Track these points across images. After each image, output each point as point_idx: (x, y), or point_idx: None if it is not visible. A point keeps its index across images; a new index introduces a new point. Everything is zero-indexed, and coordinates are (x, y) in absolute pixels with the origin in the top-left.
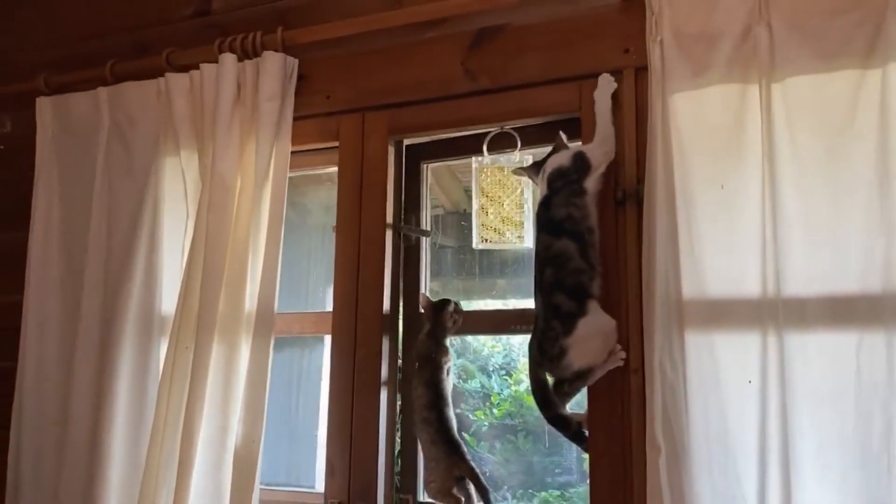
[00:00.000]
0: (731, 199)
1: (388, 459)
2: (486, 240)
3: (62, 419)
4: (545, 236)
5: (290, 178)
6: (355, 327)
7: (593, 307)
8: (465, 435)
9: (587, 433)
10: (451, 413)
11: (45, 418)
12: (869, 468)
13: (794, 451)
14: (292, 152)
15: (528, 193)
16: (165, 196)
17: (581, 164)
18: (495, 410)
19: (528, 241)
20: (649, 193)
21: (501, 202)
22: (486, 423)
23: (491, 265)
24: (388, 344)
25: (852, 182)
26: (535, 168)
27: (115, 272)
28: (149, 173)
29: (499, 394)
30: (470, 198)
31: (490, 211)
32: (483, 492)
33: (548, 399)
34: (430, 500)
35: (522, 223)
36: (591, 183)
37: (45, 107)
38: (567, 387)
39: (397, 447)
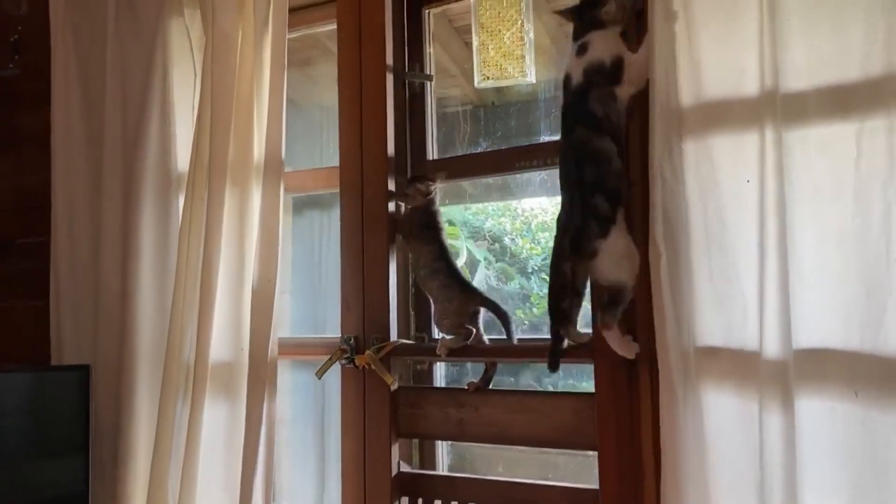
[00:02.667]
0: None
1: (402, 294)
2: (488, 77)
3: (94, 280)
4: (583, 129)
5: (302, 52)
6: (361, 170)
7: (620, 219)
8: None
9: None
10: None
11: (78, 283)
12: (867, 255)
13: (792, 246)
14: (294, 9)
15: (529, 25)
16: (174, 55)
17: (618, 66)
18: (535, 309)
19: (531, 76)
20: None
21: (502, 36)
22: (527, 322)
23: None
24: (395, 185)
25: None
26: (577, 14)
27: (131, 134)
28: (156, 35)
29: (538, 294)
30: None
31: (490, 46)
32: (503, 317)
33: (563, 289)
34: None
35: (524, 56)
36: (622, 93)
37: None
38: (608, 302)
39: (411, 289)
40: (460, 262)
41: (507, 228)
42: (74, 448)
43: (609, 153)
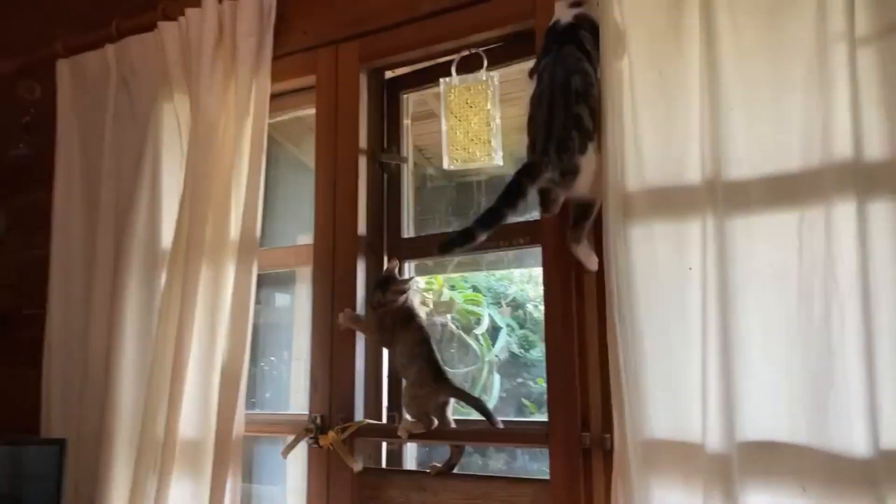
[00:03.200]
0: (671, 85)
1: (372, 372)
2: (457, 160)
3: (83, 353)
4: (575, 49)
5: (286, 128)
6: (333, 249)
7: (596, 136)
8: (525, 401)
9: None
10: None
11: (69, 353)
12: (811, 346)
13: (737, 335)
14: (276, 95)
15: (495, 111)
16: (164, 138)
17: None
18: None
19: (497, 160)
20: (604, 85)
21: (469, 121)
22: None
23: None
24: (366, 265)
25: (792, 55)
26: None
27: (123, 212)
28: (149, 118)
29: None
30: None
31: (458, 130)
32: (478, 406)
33: (520, 195)
34: None
35: (490, 141)
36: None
37: (63, 69)
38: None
39: (384, 370)
40: (481, 329)
41: (531, 295)
42: None
43: (592, 77)
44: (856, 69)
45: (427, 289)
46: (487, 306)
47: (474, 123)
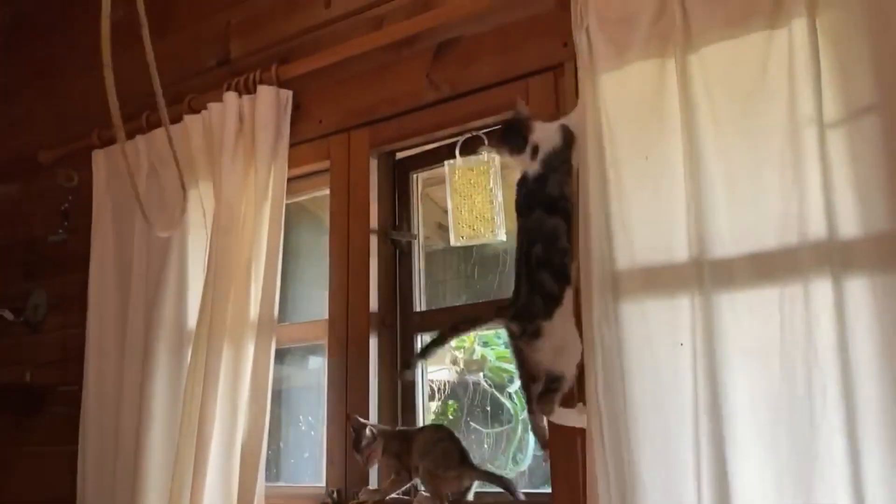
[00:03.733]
0: (657, 169)
1: None
2: (462, 237)
3: (116, 427)
4: (540, 213)
5: (308, 207)
6: (347, 326)
7: (567, 302)
8: None
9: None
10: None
11: (103, 429)
12: (794, 417)
13: (725, 408)
14: (293, 178)
15: (498, 190)
16: (189, 225)
17: (569, 137)
18: None
19: (501, 236)
20: (583, 170)
21: (473, 199)
22: None
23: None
24: (378, 340)
25: (767, 139)
26: (510, 140)
27: (153, 294)
28: (176, 204)
29: None
30: None
31: (464, 209)
32: (503, 483)
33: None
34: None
35: (493, 218)
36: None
37: (99, 158)
38: (543, 390)
39: None
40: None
41: None
42: None
43: (558, 230)
44: (826, 151)
45: (458, 347)
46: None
47: (478, 202)
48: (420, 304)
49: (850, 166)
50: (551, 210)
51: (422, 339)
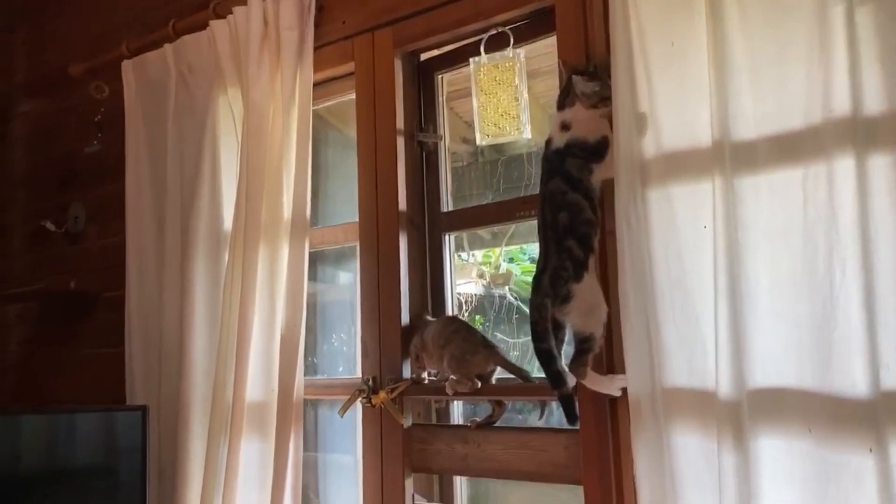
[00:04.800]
0: (682, 55)
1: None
2: (488, 135)
3: (159, 329)
4: (561, 182)
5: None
6: (377, 226)
7: (592, 267)
8: None
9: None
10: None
11: (147, 329)
12: (815, 296)
13: (746, 288)
14: (320, 82)
15: (523, 87)
16: (221, 129)
17: (601, 150)
18: None
19: (526, 133)
20: (614, 60)
21: (499, 97)
22: None
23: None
24: (407, 238)
25: (793, 18)
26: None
27: (187, 199)
28: (206, 111)
29: None
30: None
31: (489, 107)
32: (521, 373)
33: (546, 330)
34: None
35: (518, 116)
36: (597, 172)
37: (127, 69)
38: (575, 353)
39: None
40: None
41: None
42: (134, 479)
43: (580, 205)
44: (854, 28)
45: (484, 262)
46: None
47: (503, 99)
48: (447, 204)
49: (877, 42)
50: (572, 186)
51: (449, 239)
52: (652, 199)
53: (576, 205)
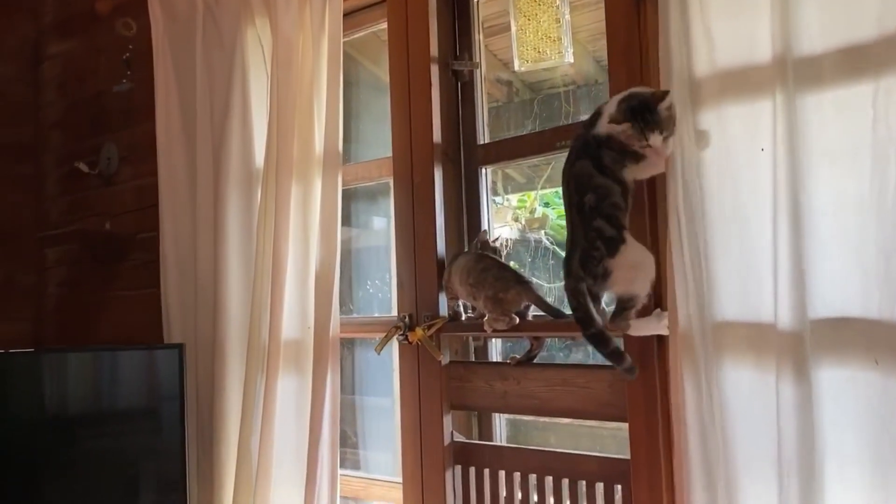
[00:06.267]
0: None
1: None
2: (527, 60)
3: (193, 268)
4: (589, 165)
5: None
6: (411, 157)
7: (630, 238)
8: None
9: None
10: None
11: (183, 269)
12: (884, 220)
13: (808, 213)
14: (350, 13)
15: (565, 7)
16: (250, 62)
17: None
18: None
19: (568, 57)
20: None
21: (539, 20)
22: None
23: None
24: (442, 171)
25: None
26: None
27: (218, 136)
28: (235, 45)
29: None
30: None
31: (528, 30)
32: (554, 312)
33: (589, 315)
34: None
35: (560, 38)
36: (631, 169)
37: (154, 3)
38: (616, 311)
39: None
40: None
41: None
42: (174, 417)
43: (609, 188)
44: None
45: (519, 206)
46: None
47: (543, 21)
48: (483, 136)
49: None
50: (602, 171)
51: (486, 173)
52: (705, 122)
53: (604, 187)
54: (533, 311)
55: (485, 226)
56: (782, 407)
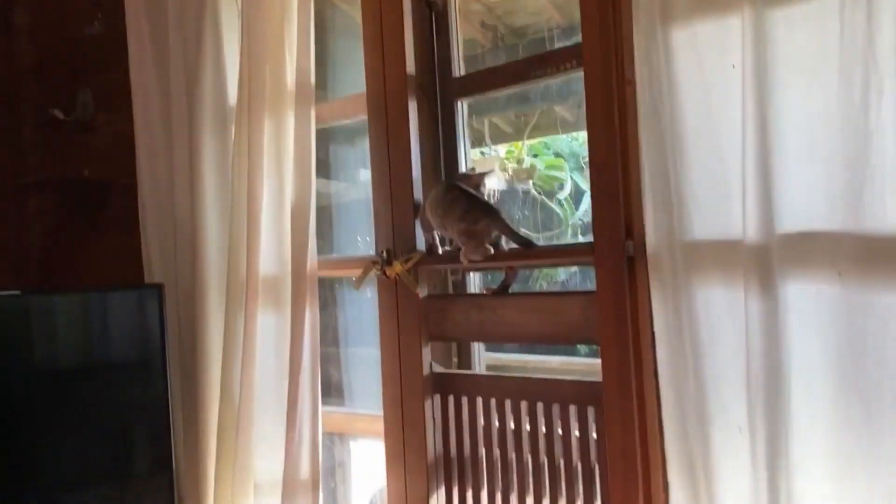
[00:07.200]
0: None
1: None
2: None
3: (172, 211)
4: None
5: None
6: (385, 92)
7: None
8: None
9: None
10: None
11: (161, 213)
12: (849, 132)
13: (776, 128)
14: None
15: None
16: (221, 4)
17: None
18: None
19: None
20: None
21: None
22: None
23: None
24: (417, 105)
25: None
26: None
27: (192, 75)
28: None
29: None
30: None
31: None
32: (523, 241)
33: None
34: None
35: None
36: None
37: None
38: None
39: None
40: (564, 194)
41: None
42: (156, 356)
43: None
44: None
45: (507, 157)
46: (570, 171)
47: None
48: (459, 69)
49: None
50: None
51: (462, 106)
52: (675, 41)
53: None
54: (508, 243)
55: (461, 160)
56: (749, 322)
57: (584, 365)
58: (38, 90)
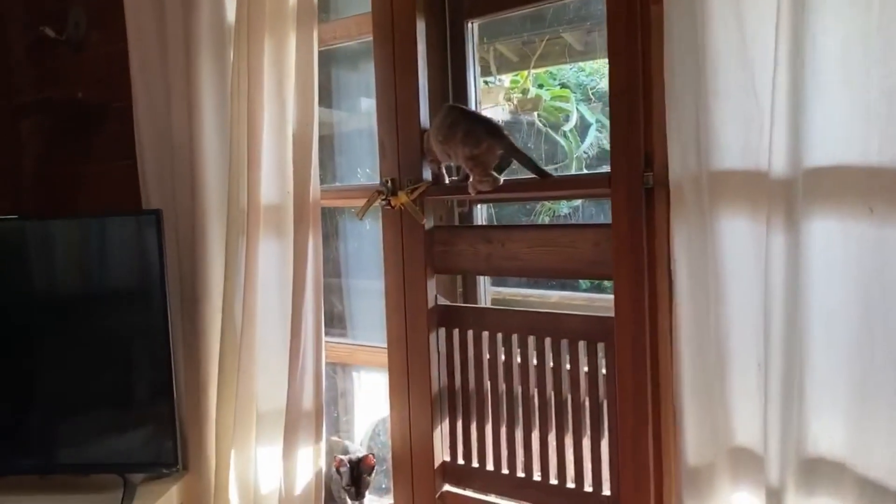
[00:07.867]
0: None
1: None
2: None
3: (169, 137)
4: None
5: None
6: (391, 13)
7: None
8: None
9: None
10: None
11: (158, 136)
12: (889, 58)
13: (811, 54)
14: None
15: None
16: None
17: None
18: None
19: None
20: None
21: None
22: None
23: None
24: (425, 26)
25: None
26: None
27: None
28: None
29: None
30: None
31: None
32: (530, 163)
33: None
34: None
35: None
36: None
37: None
38: None
39: None
40: (569, 126)
41: None
42: (155, 285)
43: None
44: None
45: (512, 86)
46: (576, 103)
47: None
48: None
49: None
50: None
51: (473, 27)
52: None
53: None
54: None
55: (470, 89)
56: (770, 257)
57: (584, 299)
58: (27, 8)
